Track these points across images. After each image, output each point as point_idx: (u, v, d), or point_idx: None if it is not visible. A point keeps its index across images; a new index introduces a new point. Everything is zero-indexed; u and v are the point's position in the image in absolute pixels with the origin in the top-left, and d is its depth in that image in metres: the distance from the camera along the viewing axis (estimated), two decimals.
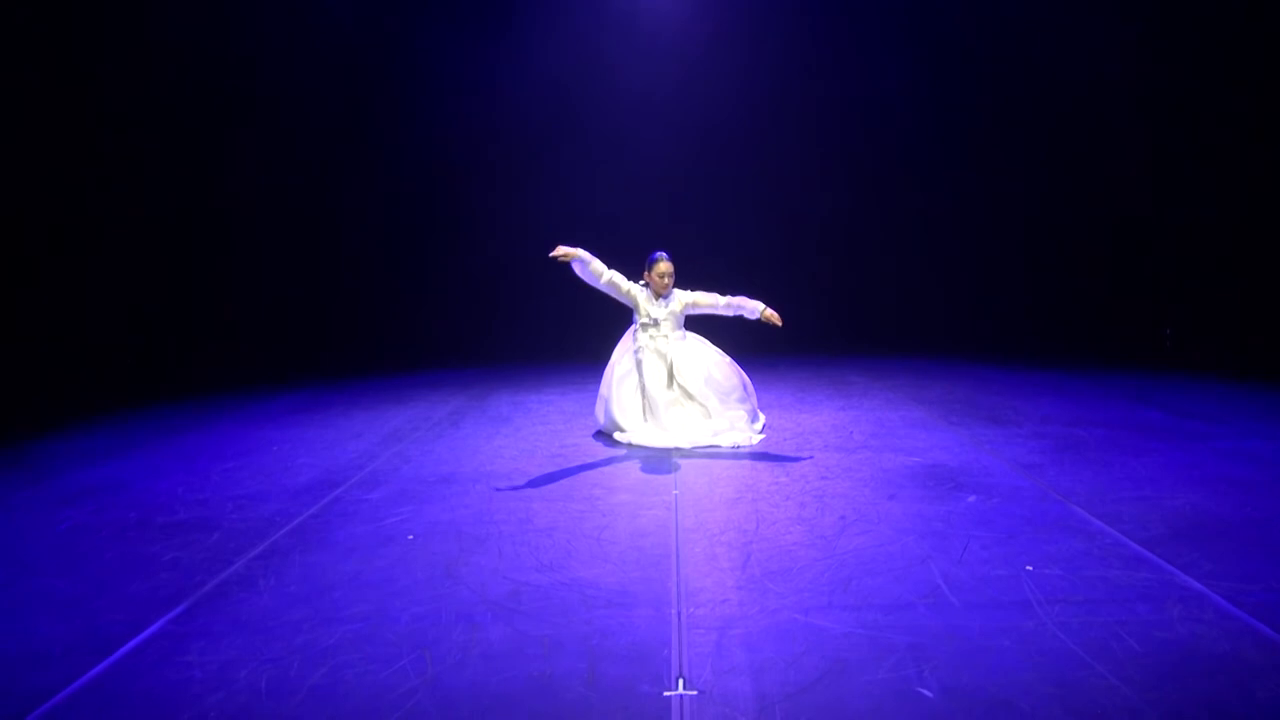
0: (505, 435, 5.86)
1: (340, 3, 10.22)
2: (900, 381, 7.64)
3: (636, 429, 5.50)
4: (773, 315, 5.41)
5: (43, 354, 8.36)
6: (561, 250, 5.22)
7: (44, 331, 8.42)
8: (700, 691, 2.33)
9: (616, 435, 5.56)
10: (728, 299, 5.58)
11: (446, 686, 2.39)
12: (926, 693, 2.28)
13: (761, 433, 5.58)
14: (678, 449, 5.27)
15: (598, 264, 5.43)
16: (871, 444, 5.25)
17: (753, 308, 5.47)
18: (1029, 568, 3.11)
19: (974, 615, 2.74)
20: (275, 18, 9.82)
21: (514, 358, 9.93)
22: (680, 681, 2.39)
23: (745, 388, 5.73)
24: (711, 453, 5.20)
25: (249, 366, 9.46)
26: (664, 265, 5.53)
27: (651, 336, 5.58)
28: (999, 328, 10.44)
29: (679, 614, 2.82)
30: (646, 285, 5.62)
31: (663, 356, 5.57)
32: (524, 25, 10.65)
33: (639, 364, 5.57)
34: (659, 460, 5.03)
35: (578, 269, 5.40)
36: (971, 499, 4.01)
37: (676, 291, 5.63)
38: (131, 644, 2.74)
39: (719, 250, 11.00)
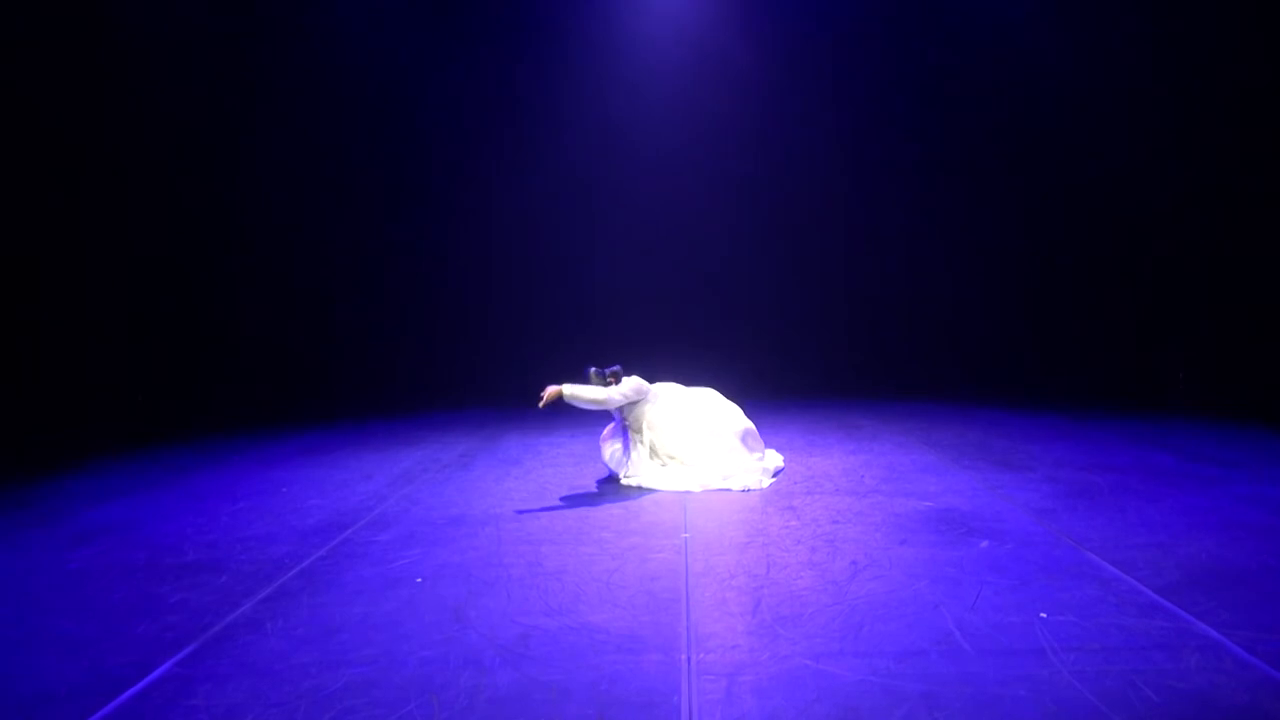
0: (515, 477, 5.86)
1: (341, 2, 10.36)
2: (910, 424, 7.60)
3: (645, 474, 5.48)
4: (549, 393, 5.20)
5: (46, 387, 8.41)
6: (548, 395, 5.17)
7: (45, 350, 8.47)
8: None
9: (624, 480, 5.54)
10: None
11: None
12: None
13: (774, 476, 5.56)
14: (688, 491, 5.25)
15: (589, 392, 5.31)
16: (883, 488, 5.22)
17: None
18: (1043, 615, 3.07)
19: (988, 663, 2.70)
20: (277, 16, 10.00)
21: (525, 399, 9.90)
22: None
23: (748, 434, 5.70)
24: (722, 496, 5.18)
25: (259, 404, 9.49)
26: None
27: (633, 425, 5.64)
28: (1000, 332, 10.48)
29: (689, 660, 2.80)
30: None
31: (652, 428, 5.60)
32: (526, 28, 10.79)
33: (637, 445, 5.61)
34: (669, 503, 5.01)
35: (580, 405, 5.29)
36: (984, 544, 3.98)
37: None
38: (138, 686, 2.73)
39: (724, 271, 11.10)
